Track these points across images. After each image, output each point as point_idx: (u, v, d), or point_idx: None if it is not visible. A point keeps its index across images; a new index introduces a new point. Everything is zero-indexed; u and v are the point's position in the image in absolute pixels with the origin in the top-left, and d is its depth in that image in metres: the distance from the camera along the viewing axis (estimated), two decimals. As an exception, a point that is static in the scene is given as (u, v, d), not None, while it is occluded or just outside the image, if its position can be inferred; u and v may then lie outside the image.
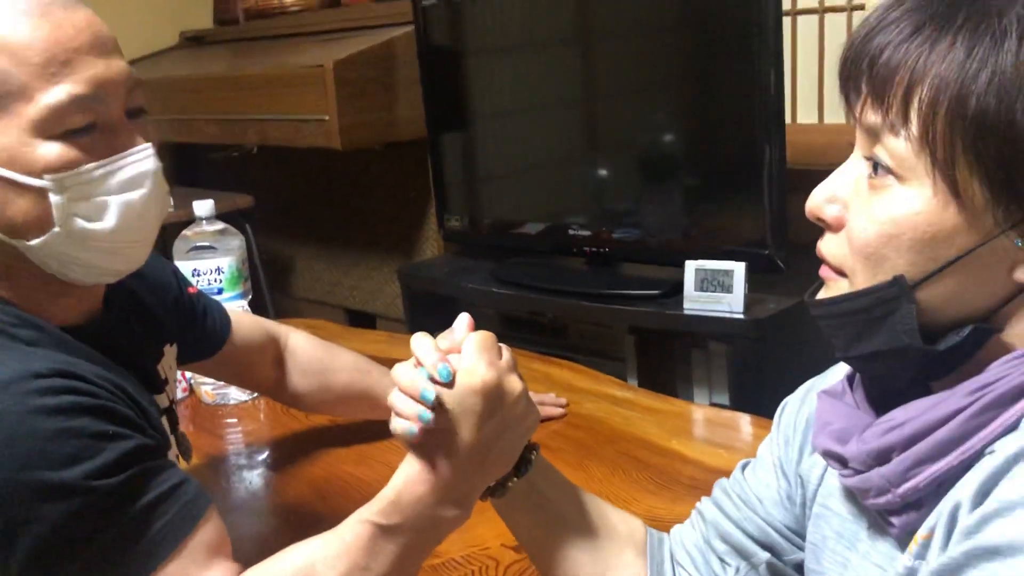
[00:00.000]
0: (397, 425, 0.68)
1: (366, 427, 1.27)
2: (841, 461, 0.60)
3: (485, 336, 0.69)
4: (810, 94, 1.89)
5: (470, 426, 0.66)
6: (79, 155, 0.70)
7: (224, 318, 1.08)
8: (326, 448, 1.25)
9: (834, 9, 1.83)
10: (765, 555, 0.73)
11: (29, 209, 0.70)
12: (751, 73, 1.53)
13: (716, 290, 1.56)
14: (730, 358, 1.66)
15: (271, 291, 2.59)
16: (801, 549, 0.72)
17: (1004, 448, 0.51)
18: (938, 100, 0.52)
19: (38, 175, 0.69)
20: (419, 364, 0.68)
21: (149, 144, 0.74)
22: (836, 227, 0.59)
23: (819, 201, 0.59)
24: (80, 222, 0.71)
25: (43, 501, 0.63)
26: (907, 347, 0.55)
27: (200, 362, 1.07)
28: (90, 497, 0.64)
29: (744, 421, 1.28)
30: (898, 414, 0.57)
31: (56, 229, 0.71)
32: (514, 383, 0.69)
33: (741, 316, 1.55)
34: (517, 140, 2.01)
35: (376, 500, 0.70)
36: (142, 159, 0.73)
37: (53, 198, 0.69)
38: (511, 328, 2.13)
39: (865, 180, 0.56)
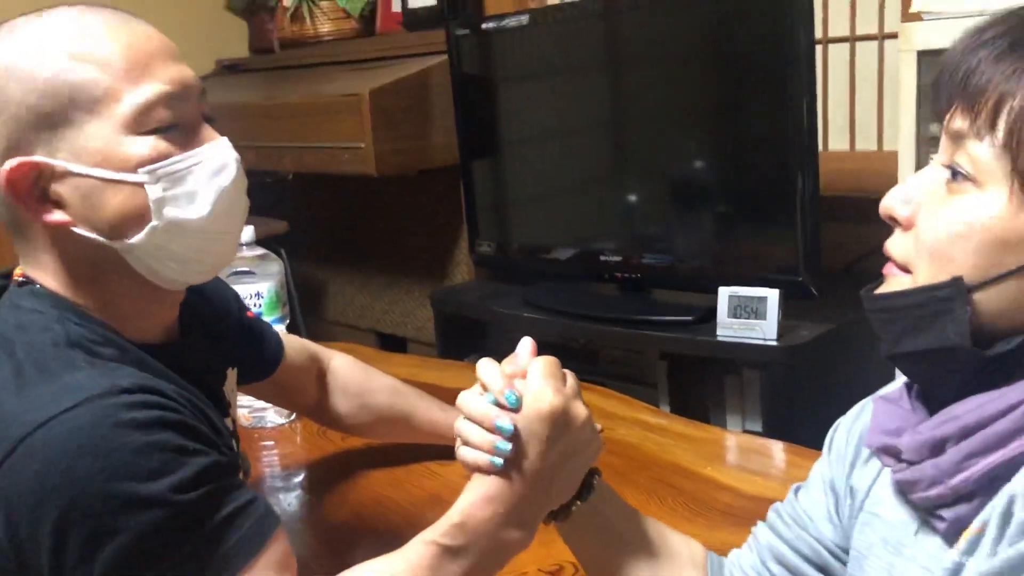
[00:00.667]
0: (467, 454, 0.69)
1: (402, 450, 1.28)
2: (895, 454, 0.61)
3: (551, 362, 0.71)
4: (842, 122, 1.90)
5: (537, 451, 0.68)
6: (168, 147, 0.74)
7: (277, 341, 1.11)
8: (362, 471, 1.27)
9: (865, 38, 1.84)
10: None
11: (127, 205, 0.73)
12: (783, 100, 1.54)
13: (749, 316, 1.57)
14: (763, 385, 1.65)
15: (304, 315, 2.63)
16: None
17: None
18: None
19: (132, 171, 0.72)
20: (485, 390, 0.69)
21: (226, 137, 0.78)
22: (906, 226, 0.60)
23: (894, 201, 0.61)
24: (176, 212, 0.74)
25: (128, 512, 0.64)
26: (956, 347, 0.56)
27: (249, 384, 1.10)
28: (171, 510, 0.66)
29: (778, 448, 1.28)
30: (955, 408, 0.57)
31: (154, 223, 0.73)
32: (580, 409, 0.70)
33: (774, 343, 1.55)
34: (548, 166, 2.03)
35: (441, 522, 0.71)
36: (224, 148, 0.77)
37: (149, 189, 0.72)
38: (541, 353, 2.13)
39: (943, 185, 0.58)
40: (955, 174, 0.57)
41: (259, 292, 1.44)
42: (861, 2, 1.83)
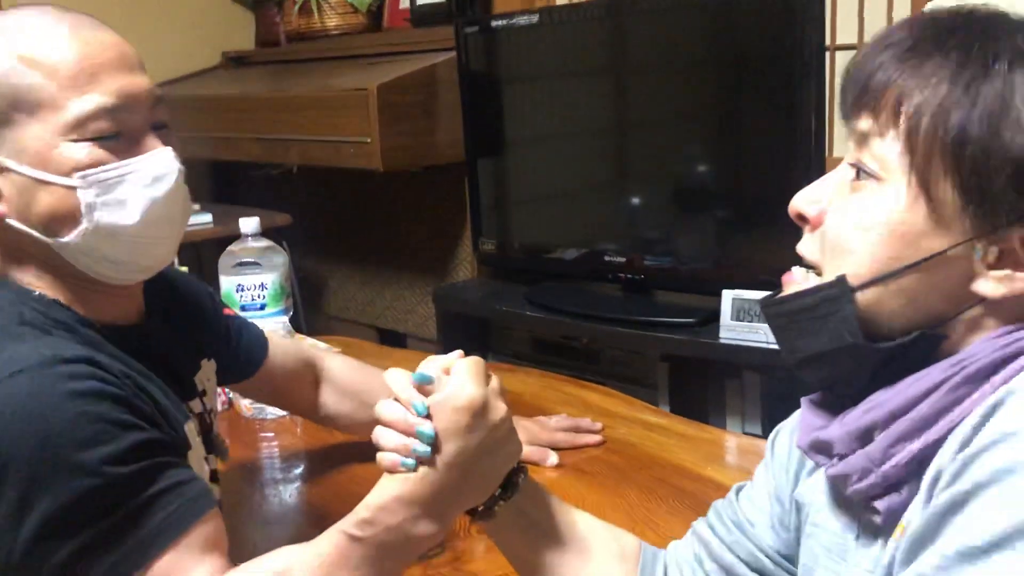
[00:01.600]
0: (385, 459, 0.70)
1: (402, 445, 1.28)
2: (825, 450, 0.62)
3: (475, 360, 0.71)
4: (845, 128, 1.90)
5: (452, 445, 0.69)
6: (105, 155, 0.76)
7: (261, 341, 1.11)
8: (361, 463, 1.27)
9: (873, 44, 1.84)
10: None
11: (59, 206, 0.75)
12: (790, 105, 1.55)
13: (752, 320, 1.57)
14: (764, 388, 1.66)
15: (305, 309, 2.62)
16: (791, 574, 0.73)
17: (978, 411, 0.53)
18: (924, 108, 0.56)
19: (67, 174, 0.75)
20: (396, 399, 0.70)
21: (170, 147, 0.80)
22: (815, 224, 0.62)
23: (801, 200, 0.63)
24: (107, 217, 0.76)
25: (58, 478, 0.66)
26: (851, 346, 0.58)
27: (237, 383, 1.10)
28: (101, 480, 0.68)
29: (779, 451, 1.28)
30: (878, 396, 0.58)
31: (84, 224, 0.76)
32: (499, 406, 0.71)
33: (777, 347, 1.55)
34: (553, 166, 2.03)
35: (353, 512, 0.72)
36: (163, 159, 0.79)
37: (81, 194, 0.75)
38: (543, 352, 2.15)
39: (848, 184, 0.60)
40: (859, 172, 0.59)
41: (263, 283, 1.45)
42: (869, 9, 1.83)
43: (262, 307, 1.45)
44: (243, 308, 1.45)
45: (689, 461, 1.23)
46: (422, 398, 0.69)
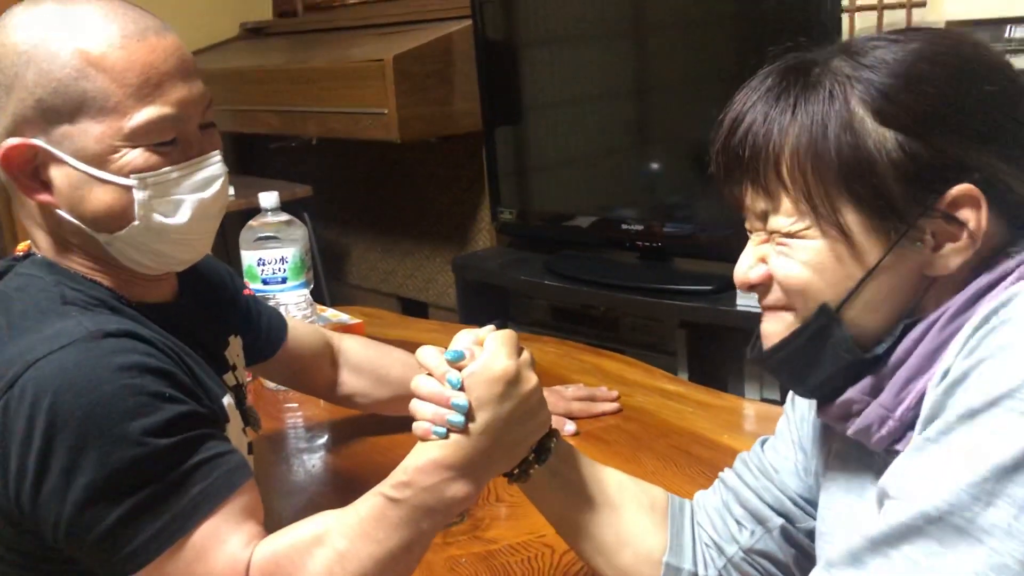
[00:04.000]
0: (419, 427, 0.74)
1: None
2: (844, 412, 0.65)
3: (508, 333, 0.75)
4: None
5: (485, 411, 0.72)
6: (161, 160, 0.78)
7: (279, 322, 1.14)
8: (382, 434, 1.29)
9: (892, 6, 1.81)
10: (779, 520, 0.79)
11: (113, 204, 0.78)
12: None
13: (769, 287, 1.57)
14: (782, 354, 1.66)
15: (327, 279, 2.65)
16: (813, 518, 0.77)
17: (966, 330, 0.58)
18: (802, 162, 0.61)
19: (124, 175, 0.77)
20: (431, 374, 0.73)
21: (218, 151, 0.83)
22: (766, 283, 0.67)
23: (743, 270, 0.68)
24: (158, 217, 0.79)
25: (103, 448, 0.69)
26: (850, 362, 0.64)
27: (258, 364, 1.12)
28: (143, 450, 0.70)
29: (795, 417, 1.28)
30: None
31: (136, 223, 0.78)
32: (531, 377, 0.74)
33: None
34: (571, 134, 2.03)
35: (390, 476, 0.74)
36: (213, 164, 0.82)
37: (137, 195, 0.78)
38: (562, 320, 2.16)
39: (772, 246, 0.66)
40: (775, 235, 0.64)
41: (284, 257, 1.46)
42: (891, -31, 1.80)
43: (283, 280, 1.47)
44: (264, 282, 1.47)
45: (706, 429, 1.24)
46: (456, 372, 0.72)
